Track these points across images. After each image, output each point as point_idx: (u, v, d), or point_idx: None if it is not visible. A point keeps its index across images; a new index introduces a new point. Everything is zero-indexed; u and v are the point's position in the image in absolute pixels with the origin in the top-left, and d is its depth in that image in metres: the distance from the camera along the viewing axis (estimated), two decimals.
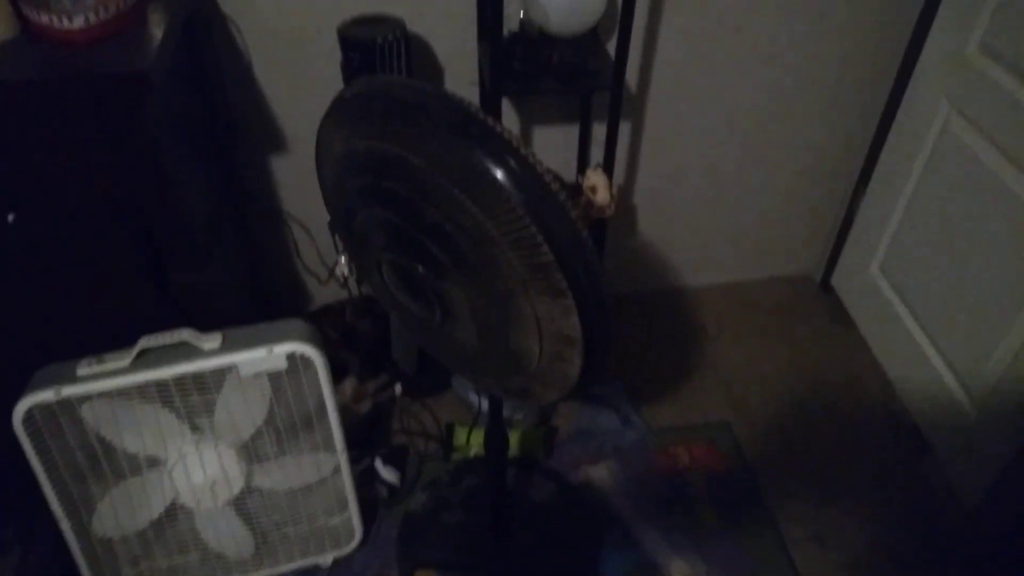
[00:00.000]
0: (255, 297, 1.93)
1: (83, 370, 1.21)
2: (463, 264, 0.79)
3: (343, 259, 1.94)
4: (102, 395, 1.22)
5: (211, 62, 1.53)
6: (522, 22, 1.56)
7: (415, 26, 1.61)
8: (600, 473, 1.74)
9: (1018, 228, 1.47)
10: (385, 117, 0.76)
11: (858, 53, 1.81)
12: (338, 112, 0.85)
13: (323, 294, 2.07)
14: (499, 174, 0.70)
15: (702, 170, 1.99)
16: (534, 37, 1.56)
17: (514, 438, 1.75)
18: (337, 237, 1.05)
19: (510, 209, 0.71)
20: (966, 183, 1.62)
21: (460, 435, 1.78)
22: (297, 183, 1.84)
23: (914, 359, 1.83)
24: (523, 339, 0.84)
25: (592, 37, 1.62)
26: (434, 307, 0.88)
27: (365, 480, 1.66)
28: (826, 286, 2.24)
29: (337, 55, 1.47)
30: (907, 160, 1.82)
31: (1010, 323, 1.50)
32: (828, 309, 2.19)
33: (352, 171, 0.84)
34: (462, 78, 1.71)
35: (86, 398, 1.21)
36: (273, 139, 1.75)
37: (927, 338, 1.79)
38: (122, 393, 1.22)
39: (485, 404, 1.71)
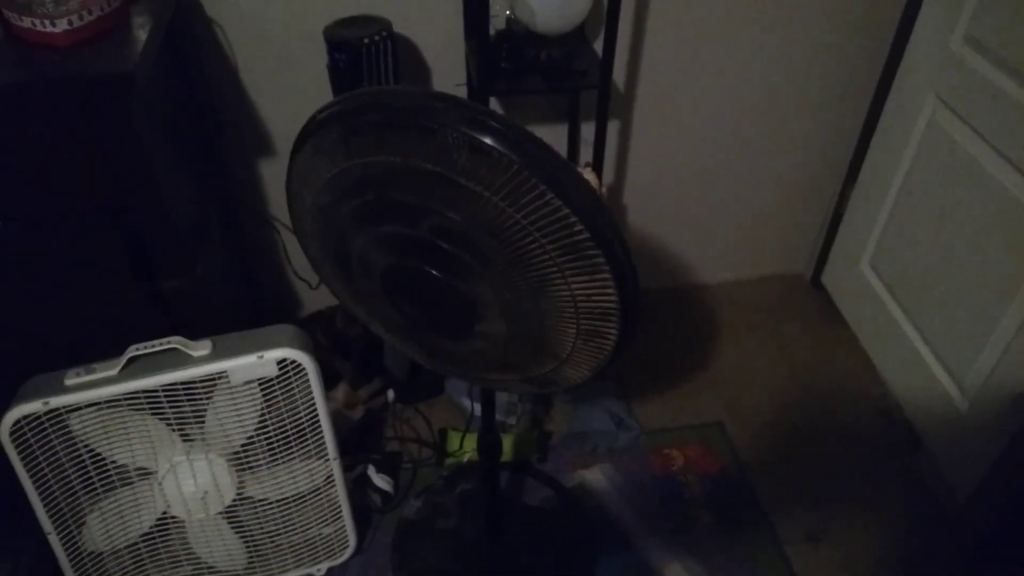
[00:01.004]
0: (246, 303, 1.91)
1: (71, 380, 1.19)
2: (490, 262, 0.79)
3: None
4: (91, 405, 1.20)
5: (196, 64, 1.52)
6: (509, 21, 1.55)
7: (402, 27, 1.60)
8: (594, 476, 1.73)
9: (1006, 220, 1.48)
10: (382, 128, 0.74)
11: (845, 49, 1.82)
12: (319, 137, 0.81)
13: (314, 300, 2.06)
14: (522, 162, 0.69)
15: (691, 169, 1.99)
16: (521, 36, 1.55)
17: (507, 442, 1.74)
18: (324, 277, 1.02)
19: (539, 195, 0.71)
20: (954, 176, 1.63)
21: (453, 440, 1.77)
22: (285, 187, 1.82)
23: (905, 354, 1.84)
24: (558, 323, 0.83)
25: (579, 35, 1.61)
26: (457, 315, 0.87)
27: (358, 488, 1.64)
28: (816, 283, 2.25)
29: (324, 57, 1.46)
30: (894, 155, 1.82)
31: (1000, 315, 1.51)
32: (819, 306, 2.19)
33: (345, 194, 0.82)
34: (449, 78, 1.70)
35: (75, 408, 1.19)
36: (261, 142, 1.74)
37: (917, 333, 1.80)
38: (111, 403, 1.20)
39: (478, 409, 1.70)
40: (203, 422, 1.27)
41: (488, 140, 0.69)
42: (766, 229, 2.18)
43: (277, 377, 1.26)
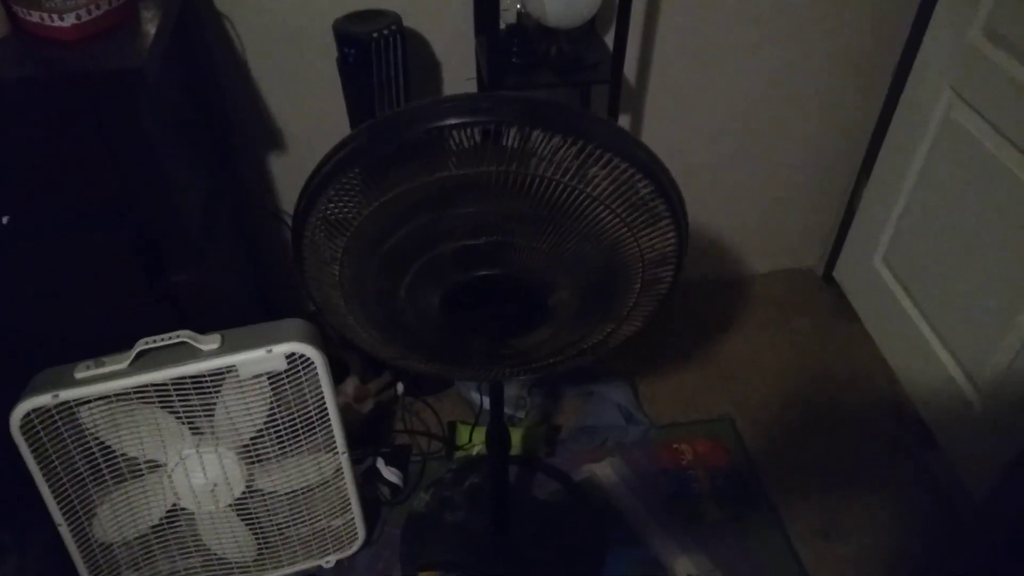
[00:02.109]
0: (256, 297, 1.91)
1: (81, 373, 1.20)
2: (562, 244, 0.81)
3: None
4: (101, 398, 1.20)
5: (205, 58, 1.52)
6: (519, 15, 1.54)
7: (411, 21, 1.60)
8: (604, 470, 1.73)
9: (1023, 215, 1.46)
10: (431, 146, 0.73)
11: (859, 41, 1.80)
12: (364, 166, 0.78)
13: None
14: (587, 138, 0.73)
15: (702, 162, 1.98)
16: (532, 30, 1.54)
17: (517, 436, 1.74)
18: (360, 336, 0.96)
19: (606, 162, 0.74)
20: (970, 171, 1.60)
21: (463, 433, 1.77)
22: (295, 182, 1.81)
23: (918, 351, 1.82)
24: (626, 281, 0.86)
25: (590, 30, 1.60)
26: (528, 309, 0.87)
27: (367, 480, 1.65)
28: (829, 279, 2.23)
29: (333, 51, 1.46)
30: (909, 149, 1.80)
31: (1016, 312, 1.49)
32: (831, 302, 2.17)
33: (394, 222, 0.79)
34: (459, 73, 1.69)
35: (84, 401, 1.20)
36: (271, 137, 1.74)
37: (931, 329, 1.78)
38: (121, 396, 1.21)
39: (487, 402, 1.70)
40: (212, 415, 1.27)
41: (548, 129, 0.71)
42: (778, 223, 2.16)
43: (286, 371, 1.26)
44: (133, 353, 1.21)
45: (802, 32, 1.76)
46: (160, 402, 1.23)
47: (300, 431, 1.34)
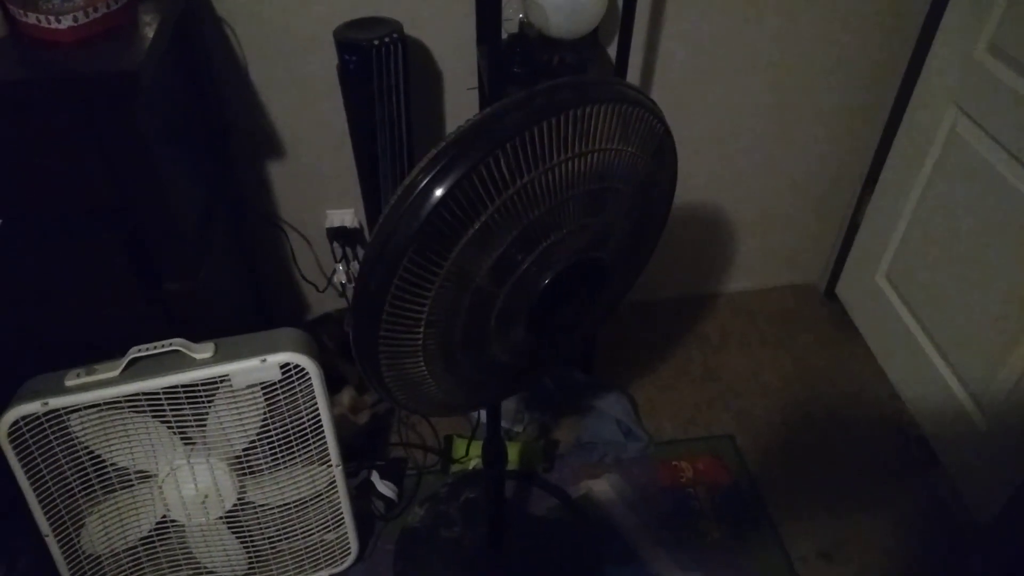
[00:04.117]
0: (252, 306, 1.90)
1: (72, 381, 1.18)
2: (621, 207, 0.85)
3: (340, 267, 1.91)
4: (91, 406, 1.18)
5: (204, 64, 1.51)
6: (522, 25, 1.53)
7: (413, 29, 1.59)
8: (601, 487, 1.70)
9: None
10: (516, 154, 0.72)
11: (863, 56, 1.79)
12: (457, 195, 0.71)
13: (321, 303, 2.04)
14: (623, 98, 0.78)
15: (705, 176, 1.96)
16: (534, 40, 1.53)
17: (514, 451, 1.72)
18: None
19: (639, 116, 0.80)
20: (975, 188, 1.59)
21: (459, 447, 1.75)
22: (294, 190, 1.81)
23: (921, 369, 1.80)
24: (649, 213, 0.93)
25: (592, 40, 1.59)
26: (593, 284, 0.90)
27: (362, 494, 1.62)
28: (831, 295, 2.21)
29: (334, 58, 1.45)
30: (914, 165, 1.79)
31: (1021, 331, 1.47)
32: (833, 318, 2.15)
33: (481, 252, 0.76)
34: (461, 82, 1.68)
35: (74, 409, 1.18)
36: (270, 144, 1.72)
37: (934, 348, 1.76)
38: (112, 404, 1.19)
39: (484, 415, 1.67)
40: (204, 425, 1.25)
41: (598, 102, 0.74)
42: (780, 238, 2.15)
43: (280, 381, 1.24)
44: (125, 361, 1.19)
45: (807, 47, 1.75)
46: (152, 411, 1.21)
47: (293, 443, 1.31)
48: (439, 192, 0.68)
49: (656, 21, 1.66)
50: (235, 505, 1.35)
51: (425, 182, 0.68)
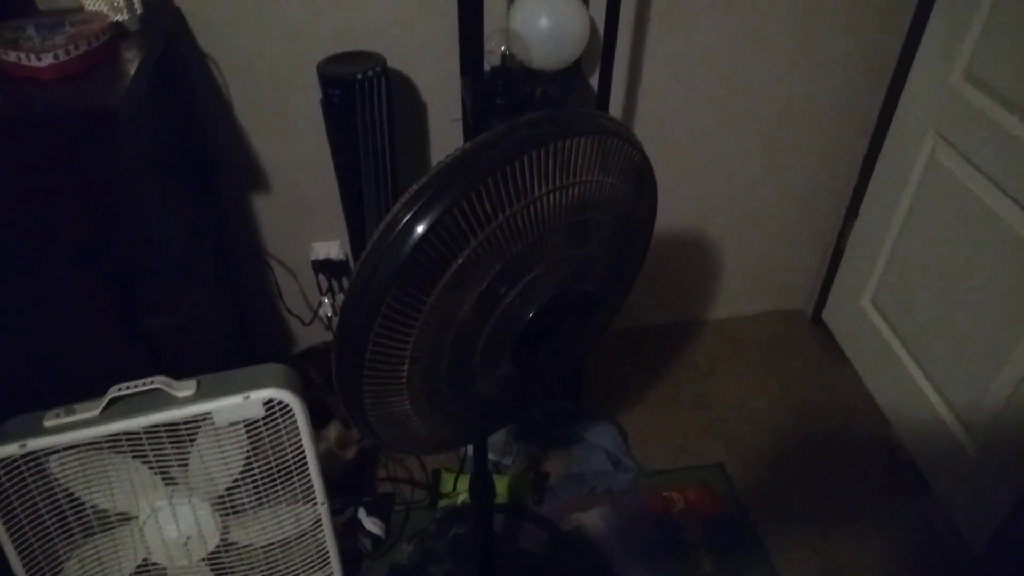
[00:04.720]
0: (237, 340, 1.88)
1: (50, 421, 1.15)
2: (603, 236, 0.84)
3: (326, 300, 1.90)
4: (70, 447, 1.16)
5: (188, 99, 1.50)
6: (504, 57, 1.54)
7: (397, 62, 1.59)
8: (592, 519, 1.68)
9: (1010, 256, 1.46)
10: (502, 186, 0.72)
11: (843, 85, 1.81)
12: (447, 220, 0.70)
13: (307, 336, 2.02)
14: (603, 130, 0.77)
15: (690, 204, 1.97)
16: (517, 72, 1.54)
17: (503, 484, 1.69)
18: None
19: (617, 147, 0.79)
20: (955, 213, 1.60)
21: (447, 481, 1.72)
22: (279, 222, 1.80)
23: (908, 393, 1.80)
24: (630, 244, 0.92)
25: (575, 71, 1.60)
26: (578, 314, 0.89)
27: (348, 531, 1.59)
28: (817, 320, 2.21)
29: (318, 92, 1.45)
30: (895, 191, 1.80)
31: (1007, 355, 1.47)
32: (820, 343, 2.16)
33: (466, 287, 0.76)
34: (445, 114, 1.69)
35: (53, 451, 1.15)
36: (255, 177, 1.72)
37: (921, 372, 1.76)
38: (92, 445, 1.16)
39: (471, 448, 1.65)
40: (186, 465, 1.22)
41: (579, 134, 0.74)
42: (766, 265, 2.15)
43: (263, 418, 1.22)
44: (105, 400, 1.17)
45: (786, 76, 1.77)
46: (132, 451, 1.19)
47: (278, 481, 1.29)
48: (420, 228, 0.67)
49: (637, 52, 1.68)
50: (218, 546, 1.32)
51: (407, 219, 0.68)
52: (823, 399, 1.98)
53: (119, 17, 1.25)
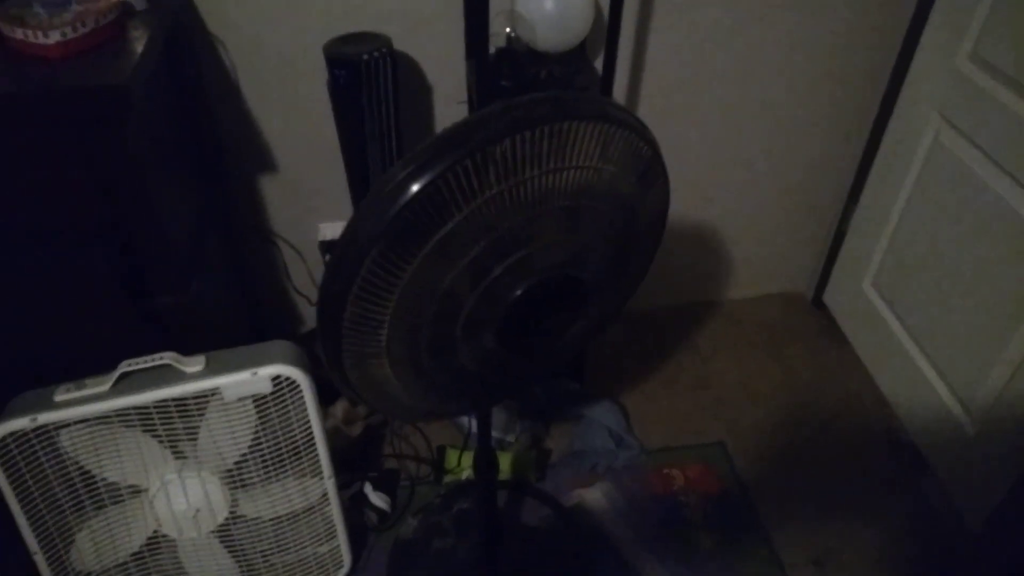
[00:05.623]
0: (245, 319, 1.89)
1: (61, 396, 1.18)
2: (588, 226, 0.83)
3: None
4: (81, 421, 1.18)
5: (195, 79, 1.51)
6: (509, 39, 1.55)
7: (402, 44, 1.60)
8: (594, 495, 1.70)
9: (1013, 239, 1.46)
10: (480, 166, 0.72)
11: (847, 66, 1.81)
12: (417, 206, 0.71)
13: (314, 315, 2.04)
14: (606, 116, 0.76)
15: (691, 186, 1.98)
16: (522, 54, 1.55)
17: (506, 461, 1.72)
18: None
19: (621, 136, 0.78)
20: (959, 195, 1.61)
21: (451, 457, 1.75)
22: (286, 203, 1.81)
23: (909, 376, 1.81)
24: (634, 242, 0.91)
25: (580, 53, 1.61)
26: (573, 304, 0.89)
27: (354, 506, 1.62)
28: (818, 303, 2.22)
29: (324, 73, 1.45)
30: (898, 174, 1.81)
31: (1008, 337, 1.48)
32: (821, 326, 2.17)
33: (449, 261, 0.76)
34: (450, 96, 1.69)
35: (64, 425, 1.17)
36: (261, 158, 1.73)
37: (922, 354, 1.77)
38: (102, 419, 1.19)
39: (475, 425, 1.68)
40: (196, 439, 1.25)
41: (578, 118, 0.73)
42: (767, 247, 2.16)
43: (271, 394, 1.24)
44: (115, 375, 1.19)
45: (790, 58, 1.77)
46: (142, 426, 1.21)
47: (285, 455, 1.31)
48: (405, 196, 0.68)
49: (643, 34, 1.68)
50: (227, 519, 1.34)
51: (392, 185, 0.69)
52: (824, 381, 2.00)
53: None
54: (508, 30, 1.54)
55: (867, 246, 1.95)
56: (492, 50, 1.51)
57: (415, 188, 0.69)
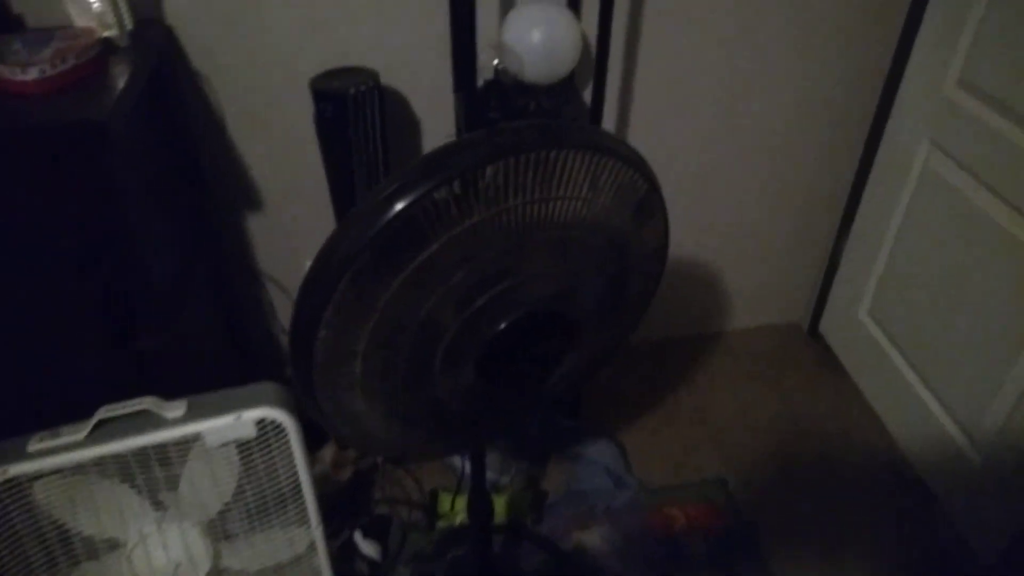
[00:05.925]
0: (231, 359, 1.84)
1: (34, 446, 1.12)
2: (576, 260, 0.80)
3: None
4: (55, 472, 1.12)
5: (180, 115, 1.49)
6: (497, 71, 1.54)
7: (389, 78, 1.58)
8: (592, 538, 1.65)
9: (1009, 263, 1.45)
10: (463, 193, 0.69)
11: (836, 95, 1.81)
12: (381, 247, 0.69)
13: None
14: (596, 146, 0.73)
15: (684, 217, 1.96)
16: (510, 86, 1.53)
17: (501, 503, 1.66)
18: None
19: (613, 167, 0.75)
20: (951, 221, 1.60)
21: (444, 501, 1.69)
22: (272, 240, 1.78)
23: (910, 405, 1.78)
24: (627, 279, 0.87)
25: (568, 84, 1.60)
26: (560, 341, 0.85)
27: (344, 555, 1.56)
28: (814, 333, 2.20)
29: (311, 108, 1.43)
30: (889, 201, 1.80)
31: (1011, 364, 1.46)
32: (818, 357, 2.14)
33: (427, 290, 0.74)
34: (438, 130, 1.67)
35: (37, 476, 1.12)
36: (247, 195, 1.70)
37: (922, 383, 1.75)
38: (78, 469, 1.13)
39: (468, 467, 1.63)
40: (176, 488, 1.19)
41: (566, 147, 0.70)
42: (761, 278, 2.14)
43: (256, 439, 1.19)
44: (92, 423, 1.14)
45: (779, 87, 1.77)
46: (120, 475, 1.15)
47: (271, 504, 1.25)
48: (378, 223, 0.65)
49: (630, 65, 1.67)
50: (209, 572, 1.28)
51: (367, 210, 0.66)
52: (822, 412, 1.96)
53: (108, 33, 1.24)
54: (496, 62, 1.53)
55: (861, 275, 1.94)
56: (480, 83, 1.50)
57: (397, 207, 0.65)
